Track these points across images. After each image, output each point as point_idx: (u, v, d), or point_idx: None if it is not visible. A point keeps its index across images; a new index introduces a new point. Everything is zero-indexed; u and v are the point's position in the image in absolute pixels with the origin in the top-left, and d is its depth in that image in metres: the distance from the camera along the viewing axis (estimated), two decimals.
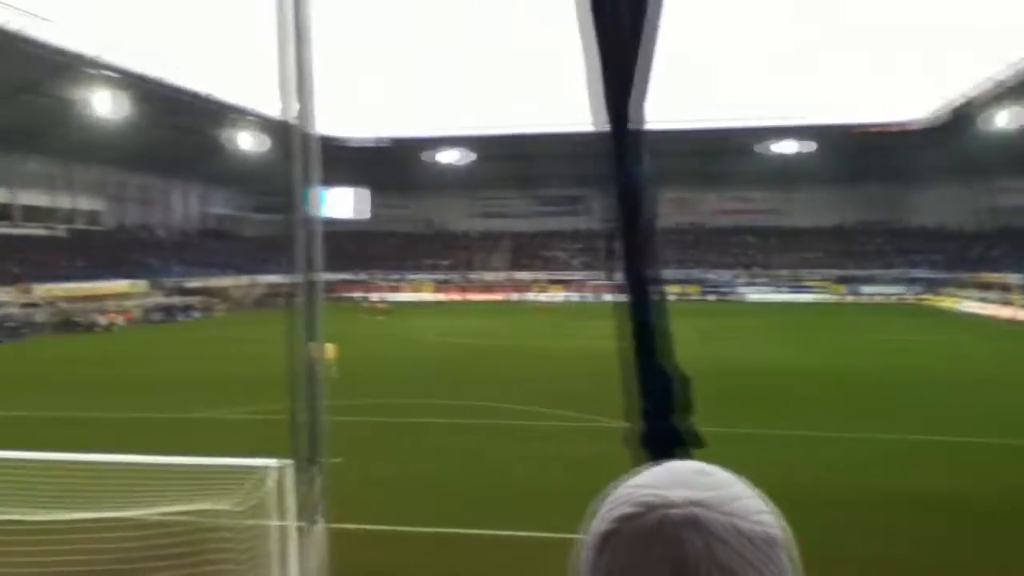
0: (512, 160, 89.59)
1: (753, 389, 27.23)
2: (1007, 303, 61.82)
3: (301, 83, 5.86)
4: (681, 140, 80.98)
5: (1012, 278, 65.47)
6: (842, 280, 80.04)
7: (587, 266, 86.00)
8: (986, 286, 68.76)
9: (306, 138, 6.02)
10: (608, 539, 0.87)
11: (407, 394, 26.45)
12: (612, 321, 1.36)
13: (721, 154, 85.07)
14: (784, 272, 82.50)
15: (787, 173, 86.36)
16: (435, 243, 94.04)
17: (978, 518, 14.12)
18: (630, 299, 1.35)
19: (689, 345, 37.65)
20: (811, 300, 76.58)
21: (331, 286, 74.89)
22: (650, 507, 0.85)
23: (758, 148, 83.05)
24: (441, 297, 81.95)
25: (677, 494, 0.86)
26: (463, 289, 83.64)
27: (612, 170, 1.34)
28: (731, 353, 36.88)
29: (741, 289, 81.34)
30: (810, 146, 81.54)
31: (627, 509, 0.86)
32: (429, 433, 21.17)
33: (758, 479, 1.13)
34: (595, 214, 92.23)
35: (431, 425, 22.03)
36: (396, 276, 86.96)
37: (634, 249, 1.36)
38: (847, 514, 13.97)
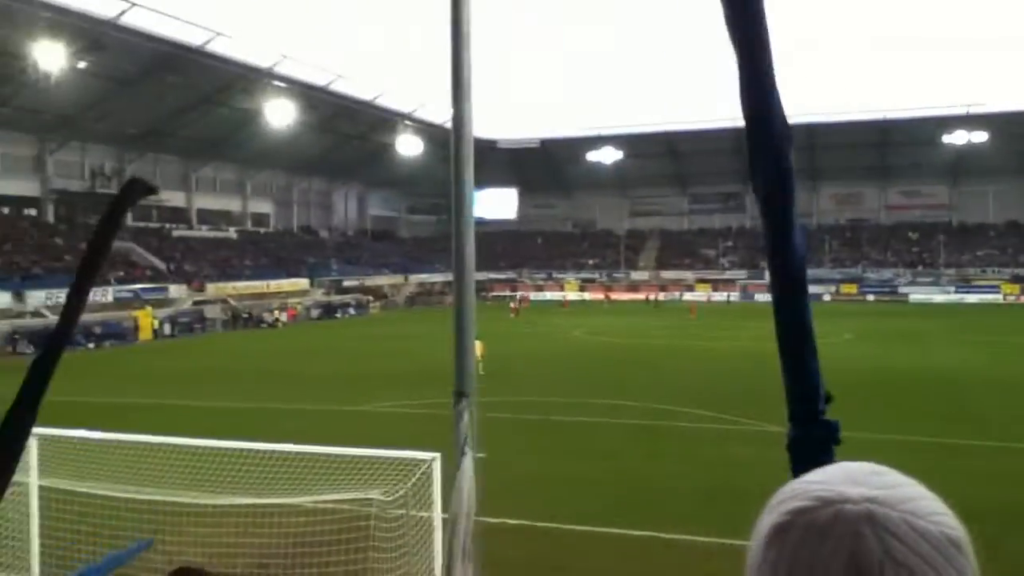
0: (664, 158, 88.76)
1: (914, 393, 25.92)
2: None
3: (461, 88, 6.18)
4: (846, 132, 77.71)
5: None
6: (1017, 279, 74.44)
7: (738, 264, 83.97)
8: None
9: (465, 142, 6.32)
10: (780, 532, 0.86)
11: (550, 392, 26.77)
12: (760, 321, 1.39)
13: (888, 147, 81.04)
14: (952, 271, 77.53)
15: (960, 165, 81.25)
16: (585, 242, 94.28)
17: None
18: (777, 298, 1.36)
19: (844, 346, 36.20)
20: (981, 300, 71.70)
21: (481, 285, 76.57)
22: (825, 502, 0.85)
23: (928, 139, 78.28)
24: (588, 296, 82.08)
25: (853, 491, 0.85)
26: (610, 288, 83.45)
27: (761, 166, 1.33)
28: (890, 355, 35.20)
29: (903, 288, 77.15)
30: (988, 135, 75.63)
31: (801, 503, 0.86)
32: (573, 431, 21.38)
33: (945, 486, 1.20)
34: (748, 211, 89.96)
35: (574, 423, 22.24)
36: (544, 275, 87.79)
37: (780, 247, 1.35)
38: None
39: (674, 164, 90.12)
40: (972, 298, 72.67)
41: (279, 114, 64.21)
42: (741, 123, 1.34)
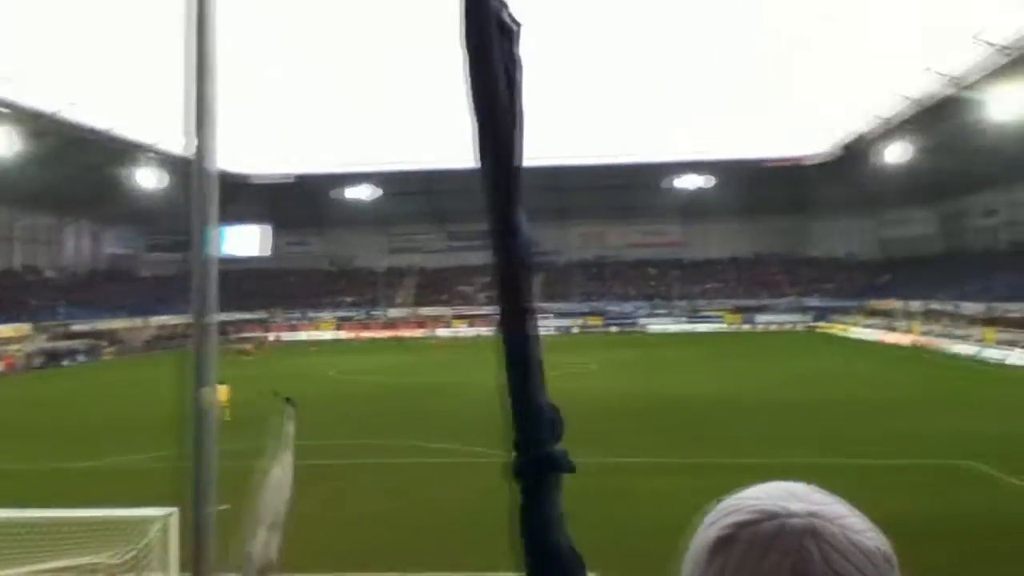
0: (423, 195, 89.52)
1: (656, 418, 27.57)
2: (892, 329, 64.91)
3: (203, 118, 5.74)
4: (592, 175, 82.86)
5: (897, 305, 68.95)
6: (741, 310, 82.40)
7: (494, 300, 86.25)
8: (874, 313, 72.14)
9: (207, 175, 5.88)
10: (723, 544, 0.87)
11: (304, 435, 25.72)
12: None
13: (630, 189, 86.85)
14: (684, 303, 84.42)
15: (690, 207, 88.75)
16: (342, 280, 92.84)
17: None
18: (505, 333, 1.38)
19: (589, 376, 37.95)
20: (709, 329, 78.51)
21: (230, 327, 73.06)
22: (769, 515, 0.86)
23: (666, 183, 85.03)
24: (344, 335, 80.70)
25: (795, 505, 0.87)
26: (367, 326, 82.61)
27: (491, 207, 1.35)
28: (632, 383, 37.38)
29: (642, 320, 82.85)
30: (714, 180, 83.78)
31: (744, 516, 0.87)
32: (327, 474, 20.63)
33: (673, 507, 1.13)
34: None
35: (329, 467, 21.49)
36: (298, 314, 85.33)
37: (509, 283, 1.39)
38: None
39: (433, 202, 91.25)
40: (702, 327, 79.38)
41: None
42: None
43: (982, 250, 71.19)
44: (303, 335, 79.28)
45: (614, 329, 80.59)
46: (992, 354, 48.61)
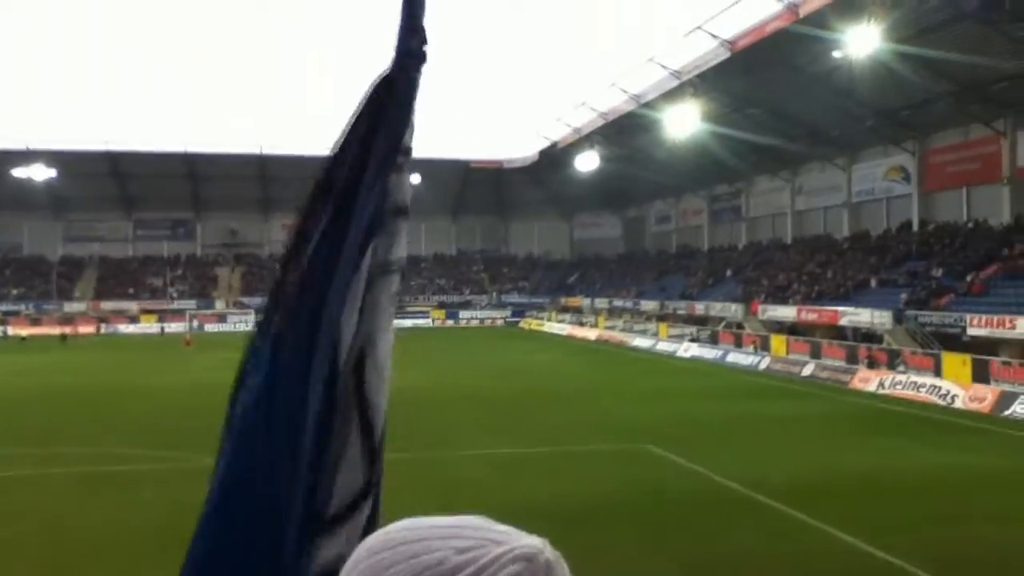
0: (106, 179, 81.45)
1: None
2: (581, 324, 69.96)
3: None
4: (295, 165, 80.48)
5: (585, 302, 74.43)
6: (445, 306, 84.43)
7: (187, 294, 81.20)
8: (565, 309, 77.27)
9: None
10: None
11: None
12: (217, 353, 1.13)
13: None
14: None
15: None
16: (7, 269, 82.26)
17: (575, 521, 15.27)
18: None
19: None
20: (415, 325, 79.61)
21: None
22: (527, 557, 0.84)
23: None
24: (11, 331, 71.62)
25: (526, 538, 0.86)
26: (37, 322, 73.99)
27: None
28: None
29: None
30: (420, 178, 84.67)
31: (515, 567, 0.83)
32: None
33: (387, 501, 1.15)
34: (198, 239, 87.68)
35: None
36: None
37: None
38: None
39: (118, 186, 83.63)
40: (408, 323, 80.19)
41: None
42: (191, 149, 1.30)
43: (657, 253, 78.79)
44: None
45: None
46: (665, 347, 53.83)
